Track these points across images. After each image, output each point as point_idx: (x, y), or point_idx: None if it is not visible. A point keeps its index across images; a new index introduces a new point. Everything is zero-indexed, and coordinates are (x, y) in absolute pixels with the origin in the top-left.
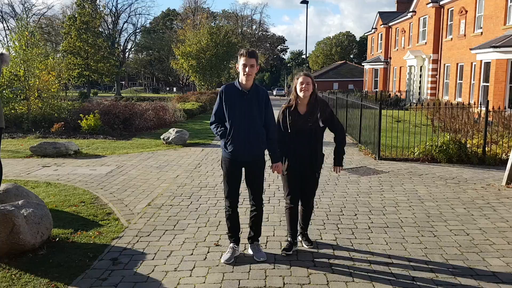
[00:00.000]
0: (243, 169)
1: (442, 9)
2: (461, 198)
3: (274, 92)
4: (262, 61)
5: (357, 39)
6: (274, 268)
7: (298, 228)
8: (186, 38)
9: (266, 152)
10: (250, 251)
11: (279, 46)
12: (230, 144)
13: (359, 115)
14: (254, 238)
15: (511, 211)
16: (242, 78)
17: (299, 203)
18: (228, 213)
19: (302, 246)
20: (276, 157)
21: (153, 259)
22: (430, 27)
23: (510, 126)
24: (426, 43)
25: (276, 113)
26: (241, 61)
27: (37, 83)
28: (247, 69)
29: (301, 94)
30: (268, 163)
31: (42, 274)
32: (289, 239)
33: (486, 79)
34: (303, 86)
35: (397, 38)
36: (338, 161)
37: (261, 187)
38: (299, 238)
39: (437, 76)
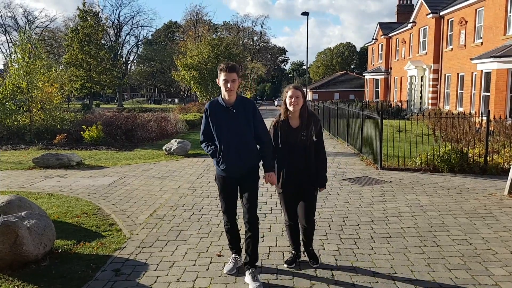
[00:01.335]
0: (237, 181)
1: (442, 20)
2: (463, 208)
3: (275, 103)
4: (263, 72)
5: (358, 49)
6: (277, 279)
7: (301, 239)
8: (188, 49)
9: (261, 164)
10: (246, 279)
11: (280, 57)
12: (223, 163)
13: (360, 125)
14: (250, 263)
15: None
16: (224, 93)
17: (299, 221)
18: (227, 227)
19: (305, 257)
20: (269, 166)
21: (155, 270)
22: (430, 37)
23: (511, 135)
24: (426, 53)
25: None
26: (222, 76)
27: (39, 95)
28: (228, 85)
29: (290, 108)
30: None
31: (45, 286)
32: (292, 251)
33: (487, 89)
34: (293, 100)
35: (397, 48)
36: (321, 182)
37: (255, 201)
38: (302, 249)
39: (438, 86)
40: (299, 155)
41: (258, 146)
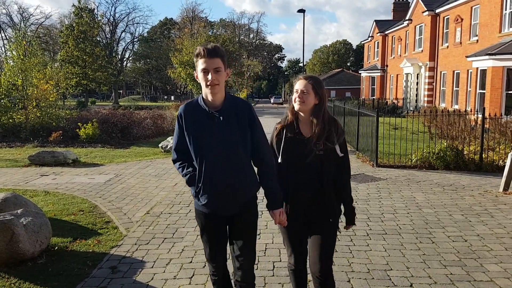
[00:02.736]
0: (226, 221)
1: (438, 17)
2: (459, 205)
3: (272, 100)
4: (260, 69)
5: (354, 47)
6: (273, 276)
7: None
8: (184, 47)
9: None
10: None
11: (277, 55)
12: (203, 195)
13: (356, 122)
14: None
15: (508, 217)
16: (205, 91)
17: (310, 268)
18: (214, 278)
19: None
20: (277, 200)
21: (152, 267)
22: (426, 35)
23: (506, 133)
24: (422, 51)
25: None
26: (199, 64)
27: (35, 92)
28: (209, 77)
29: (295, 107)
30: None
31: (41, 283)
32: None
33: (482, 86)
34: (298, 95)
35: (393, 46)
36: (349, 216)
37: (251, 252)
38: None
39: (434, 84)
40: (310, 178)
41: (256, 169)
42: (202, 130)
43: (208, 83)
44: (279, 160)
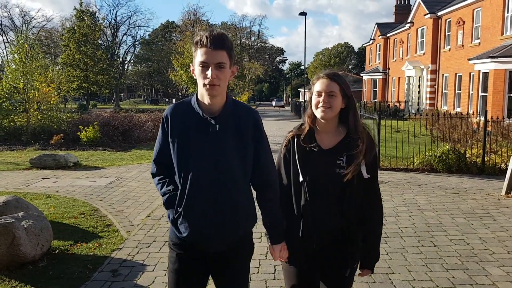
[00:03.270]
0: (208, 264)
1: (439, 20)
2: (461, 208)
3: (273, 103)
4: (261, 72)
5: (356, 50)
6: (275, 279)
7: None
8: (185, 49)
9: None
10: None
11: (278, 57)
12: (183, 223)
13: None
14: None
15: (510, 221)
16: (201, 91)
17: None
18: None
19: None
20: (280, 233)
21: (153, 270)
22: (428, 37)
23: (509, 135)
24: (424, 53)
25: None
26: (199, 56)
27: (36, 95)
28: (209, 73)
29: (318, 114)
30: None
31: (42, 286)
32: None
33: (485, 89)
34: (322, 99)
35: (395, 48)
36: (368, 260)
37: None
38: None
39: (436, 87)
40: (330, 204)
41: (255, 193)
42: (191, 139)
43: (206, 82)
44: (285, 181)
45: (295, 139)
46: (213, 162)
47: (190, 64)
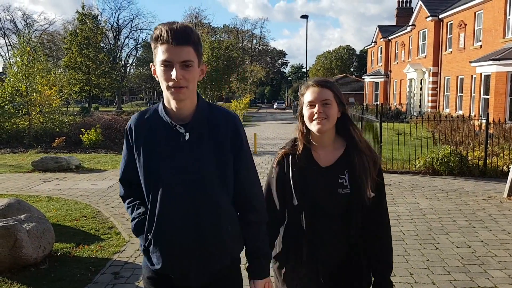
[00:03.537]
0: None
1: (441, 23)
2: (463, 211)
3: (275, 106)
4: (263, 75)
5: (357, 52)
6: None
7: None
8: None
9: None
10: None
11: (280, 60)
12: (155, 252)
13: (359, 128)
14: None
15: None
16: (167, 96)
17: None
18: None
19: None
20: (263, 266)
21: None
22: (430, 40)
23: (510, 138)
24: (426, 56)
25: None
26: (159, 53)
27: (38, 98)
28: (173, 74)
29: (313, 128)
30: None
31: None
32: None
33: (486, 92)
34: (317, 109)
35: (397, 51)
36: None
37: None
38: None
39: (438, 89)
40: (333, 230)
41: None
42: (160, 152)
43: (171, 84)
44: (278, 205)
45: (289, 157)
46: (187, 178)
47: (151, 63)
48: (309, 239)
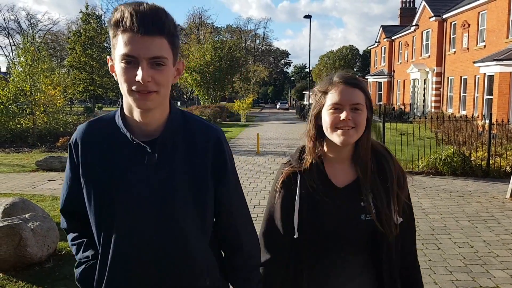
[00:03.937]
0: None
1: (445, 23)
2: (465, 211)
3: (278, 106)
4: (266, 75)
5: (361, 52)
6: None
7: None
8: (190, 53)
9: None
10: None
11: (283, 60)
12: None
13: None
14: None
15: None
16: (128, 102)
17: None
18: None
19: None
20: None
21: None
22: (433, 40)
23: None
24: (429, 56)
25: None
26: (120, 45)
27: (42, 98)
28: (139, 74)
29: (337, 138)
30: None
31: (48, 287)
32: None
33: (490, 92)
34: (345, 116)
35: (400, 51)
36: None
37: None
38: None
39: (441, 89)
40: (353, 267)
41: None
42: (116, 178)
43: (134, 88)
44: (285, 236)
45: (298, 177)
46: (152, 215)
47: (108, 57)
48: (324, 278)
